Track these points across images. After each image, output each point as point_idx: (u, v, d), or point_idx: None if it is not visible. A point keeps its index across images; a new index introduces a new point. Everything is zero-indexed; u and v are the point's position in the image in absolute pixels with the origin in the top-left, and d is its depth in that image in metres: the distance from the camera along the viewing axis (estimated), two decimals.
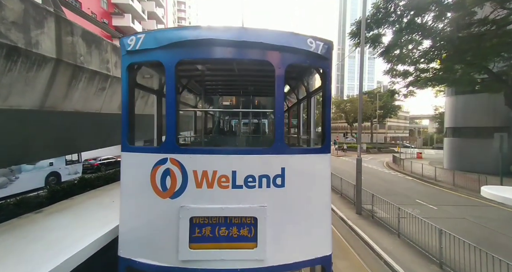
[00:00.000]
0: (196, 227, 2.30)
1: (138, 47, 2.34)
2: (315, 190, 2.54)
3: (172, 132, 2.35)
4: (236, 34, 2.26)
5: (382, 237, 7.46)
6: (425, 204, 11.12)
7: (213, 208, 2.30)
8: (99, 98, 3.66)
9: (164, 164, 2.33)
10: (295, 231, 2.45)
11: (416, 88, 16.43)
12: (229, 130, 8.07)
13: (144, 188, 2.35)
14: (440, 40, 13.27)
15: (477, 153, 18.39)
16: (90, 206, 3.29)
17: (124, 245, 2.43)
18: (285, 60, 2.37)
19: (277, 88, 2.38)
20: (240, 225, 2.33)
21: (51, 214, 3.04)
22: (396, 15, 13.94)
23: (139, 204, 2.43)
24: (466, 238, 5.39)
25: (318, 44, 2.41)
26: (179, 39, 2.25)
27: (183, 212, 2.27)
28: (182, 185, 2.31)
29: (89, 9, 24.35)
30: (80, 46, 3.01)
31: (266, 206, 2.33)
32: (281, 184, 2.38)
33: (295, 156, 2.50)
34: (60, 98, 2.92)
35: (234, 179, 2.32)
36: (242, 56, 2.42)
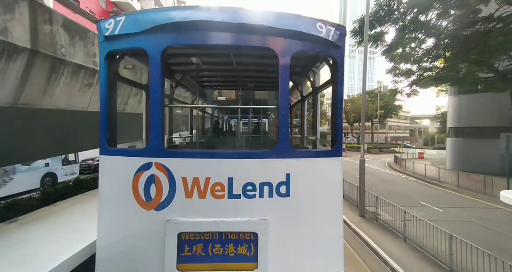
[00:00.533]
0: (186, 245, 1.97)
1: (117, 31, 1.98)
2: (325, 200, 2.18)
3: (157, 132, 2.00)
4: (233, 16, 1.91)
5: (388, 241, 7.17)
6: (430, 206, 10.83)
7: (205, 222, 1.97)
8: (85, 95, 3.38)
9: (148, 169, 1.99)
10: (302, 248, 2.11)
11: (418, 87, 16.16)
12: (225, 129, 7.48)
13: (125, 198, 2.01)
14: (444, 38, 13.00)
15: (481, 154, 18.09)
16: (71, 215, 3.00)
17: (101, 264, 2.06)
18: (290, 48, 2.02)
19: (281, 80, 2.04)
20: (238, 242, 2.01)
21: (25, 224, 2.75)
22: (399, 13, 13.66)
23: (119, 217, 2.08)
24: (475, 243, 5.11)
25: (329, 29, 2.05)
26: (165, 22, 1.90)
27: (170, 227, 1.94)
28: (169, 195, 1.98)
29: (87, 7, 24.06)
30: (61, 36, 2.72)
31: (268, 220, 2.01)
32: (285, 193, 2.05)
33: (302, 160, 2.16)
34: (38, 94, 2.64)
35: (231, 188, 2.00)
36: (240, 42, 2.05)
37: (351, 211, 9.92)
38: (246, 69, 3.54)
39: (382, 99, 42.32)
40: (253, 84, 4.30)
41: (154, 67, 1.98)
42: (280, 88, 2.06)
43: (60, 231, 2.56)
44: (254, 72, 3.74)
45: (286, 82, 2.07)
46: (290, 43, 2.02)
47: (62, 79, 2.86)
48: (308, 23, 2.03)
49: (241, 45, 2.15)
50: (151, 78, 2.01)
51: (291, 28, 1.97)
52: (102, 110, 2.15)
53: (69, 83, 2.99)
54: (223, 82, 4.49)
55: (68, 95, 3.07)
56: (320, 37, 2.04)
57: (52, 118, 3.34)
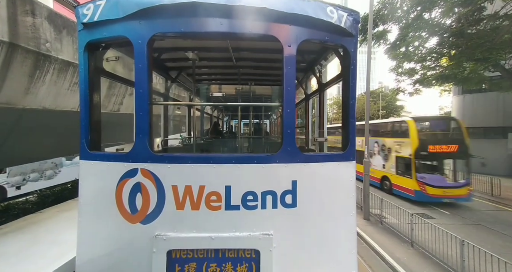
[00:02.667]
0: (176, 264, 1.68)
1: (96, 17, 1.70)
2: (337, 211, 1.89)
3: (144, 133, 1.74)
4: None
5: (394, 246, 6.91)
6: (436, 208, 10.53)
7: (199, 237, 1.70)
8: (75, 95, 3.16)
9: (133, 176, 1.73)
10: (311, 267, 1.80)
11: (422, 86, 15.89)
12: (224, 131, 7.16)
13: (107, 209, 1.74)
14: (449, 36, 12.75)
15: (485, 154, 17.76)
16: (52, 226, 2.77)
17: None
18: (297, 35, 1.73)
19: (286, 73, 1.74)
20: (237, 260, 1.71)
21: (3, 235, 2.53)
22: (403, 11, 13.43)
23: (101, 231, 1.80)
24: (485, 247, 4.86)
25: (340, 14, 1.75)
26: (151, 4, 1.60)
27: (158, 243, 1.67)
28: (157, 206, 1.71)
29: None
30: (46, 30, 2.52)
31: (271, 235, 1.72)
32: (292, 203, 1.77)
33: (310, 165, 1.84)
34: (20, 92, 2.44)
35: (228, 197, 1.73)
36: (239, 29, 1.73)
37: None
38: (246, 62, 3.05)
39: (384, 99, 41.98)
40: (254, 80, 3.80)
41: (139, 58, 1.71)
42: (285, 82, 1.77)
43: (41, 244, 2.34)
44: (255, 63, 3.18)
45: (291, 75, 1.77)
46: (296, 31, 1.73)
47: (48, 77, 2.65)
48: (317, 7, 1.72)
49: (239, 33, 1.78)
50: (136, 71, 1.73)
51: (298, 12, 1.67)
52: (82, 109, 1.87)
53: (56, 81, 2.78)
54: (222, 76, 4.01)
55: (56, 94, 2.86)
56: (331, 23, 1.74)
57: (51, 119, 3.15)
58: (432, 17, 12.85)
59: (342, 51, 2.07)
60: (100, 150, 2.02)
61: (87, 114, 1.89)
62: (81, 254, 1.83)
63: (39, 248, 2.25)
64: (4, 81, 2.26)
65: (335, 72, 2.29)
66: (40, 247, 2.27)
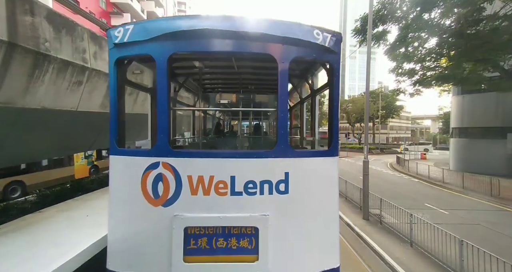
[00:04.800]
0: (191, 238, 2.06)
1: (126, 39, 2.08)
2: (322, 197, 2.29)
3: (164, 133, 2.10)
4: (235, 24, 2.01)
5: (393, 245, 6.92)
6: (435, 208, 10.56)
7: (209, 217, 2.07)
8: (75, 94, 3.16)
9: (155, 168, 2.08)
10: (300, 242, 2.21)
11: (422, 87, 15.90)
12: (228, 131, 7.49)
13: (134, 195, 2.11)
14: (448, 37, 12.76)
15: (485, 154, 17.81)
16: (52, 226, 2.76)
17: (113, 257, 2.17)
18: (289, 54, 2.12)
19: (280, 84, 2.14)
20: (240, 235, 2.10)
21: (2, 236, 2.52)
22: (402, 11, 13.45)
23: (129, 212, 2.20)
24: (484, 247, 4.87)
25: (325, 35, 2.16)
26: (172, 30, 2.00)
27: (176, 222, 2.05)
28: (175, 192, 2.08)
29: (87, 8, 23.97)
30: (45, 29, 2.51)
31: (268, 215, 2.10)
32: (284, 190, 2.14)
33: (300, 160, 2.26)
34: (19, 92, 2.43)
35: (233, 185, 2.08)
36: (242, 49, 2.17)
37: (354, 214, 9.66)
38: (247, 74, 3.64)
39: (383, 100, 42.04)
40: (253, 87, 4.38)
41: (160, 72, 2.08)
42: (279, 92, 2.16)
43: (41, 244, 2.34)
44: (254, 76, 3.81)
45: (285, 87, 2.19)
46: (288, 50, 2.10)
47: (47, 76, 2.64)
48: (305, 30, 2.11)
49: (242, 52, 2.25)
50: (158, 83, 2.10)
51: (290, 35, 2.05)
52: (112, 113, 2.23)
53: (55, 80, 2.77)
54: (225, 84, 4.53)
55: (55, 93, 2.86)
56: (317, 43, 2.13)
57: (49, 118, 3.15)
58: (431, 18, 12.86)
59: (328, 65, 2.44)
60: (124, 147, 2.36)
61: (115, 116, 2.23)
62: (112, 232, 2.20)
63: (38, 248, 2.26)
64: (3, 80, 2.25)
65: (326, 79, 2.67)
66: (39, 247, 2.28)
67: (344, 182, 12.23)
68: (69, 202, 3.95)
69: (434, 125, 71.77)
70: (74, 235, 2.47)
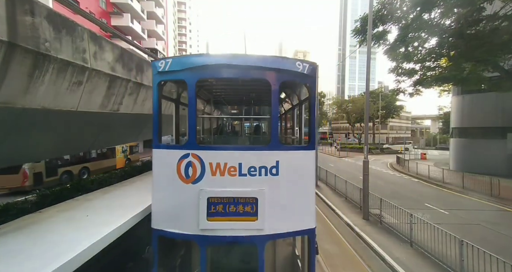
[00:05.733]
0: (212, 205, 2.87)
1: (166, 69, 2.88)
2: (302, 178, 3.09)
3: (193, 134, 2.97)
4: (242, 60, 2.88)
5: (393, 245, 6.92)
6: (435, 208, 10.56)
7: (224, 190, 2.88)
8: (74, 94, 3.14)
9: (187, 158, 2.89)
10: (287, 209, 3.03)
11: (421, 87, 15.88)
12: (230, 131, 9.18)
13: (171, 176, 2.92)
14: (448, 37, 12.76)
15: (485, 154, 17.81)
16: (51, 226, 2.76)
17: (156, 219, 3.04)
18: (279, 79, 2.92)
19: (273, 100, 2.98)
20: (245, 203, 2.89)
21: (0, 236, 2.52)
22: (402, 11, 13.44)
23: (168, 188, 3.01)
24: (484, 247, 4.88)
25: (304, 65, 2.95)
26: (199, 64, 2.85)
27: (202, 194, 2.85)
28: (200, 174, 2.87)
29: (87, 8, 23.98)
30: (45, 29, 2.50)
31: (264, 189, 2.90)
32: (276, 173, 2.95)
33: (286, 152, 3.10)
34: (19, 92, 2.42)
35: (240, 169, 2.89)
36: (247, 75, 3.14)
37: (354, 214, 9.66)
38: (249, 90, 4.79)
39: (383, 100, 42.01)
40: (253, 99, 5.67)
41: (191, 91, 2.89)
42: (272, 104, 3.02)
43: (41, 243, 2.33)
44: (254, 91, 4.93)
45: (276, 101, 3.03)
46: (279, 76, 2.90)
47: (47, 77, 2.63)
48: (290, 62, 2.93)
49: (247, 77, 3.34)
50: (189, 99, 2.91)
51: (279, 66, 2.88)
52: (154, 119, 3.09)
53: (55, 80, 2.76)
54: (234, 97, 5.93)
55: (55, 93, 2.84)
56: (298, 71, 2.91)
57: (50, 118, 3.14)
58: (431, 18, 12.85)
59: (307, 85, 3.27)
60: (161, 143, 3.13)
61: (157, 121, 3.08)
62: (155, 203, 3.04)
63: (38, 248, 2.26)
64: (3, 80, 2.25)
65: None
66: (39, 247, 2.28)
67: (344, 182, 12.25)
68: (69, 202, 3.94)
69: (434, 125, 71.76)
70: (74, 235, 2.47)
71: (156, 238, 3.00)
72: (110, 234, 2.57)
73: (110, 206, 3.62)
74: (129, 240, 2.93)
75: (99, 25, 5.10)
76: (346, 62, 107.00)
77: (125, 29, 29.23)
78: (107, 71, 3.63)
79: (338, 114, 52.23)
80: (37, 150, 3.50)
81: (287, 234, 3.14)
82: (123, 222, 2.81)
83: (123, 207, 3.45)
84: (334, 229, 8.55)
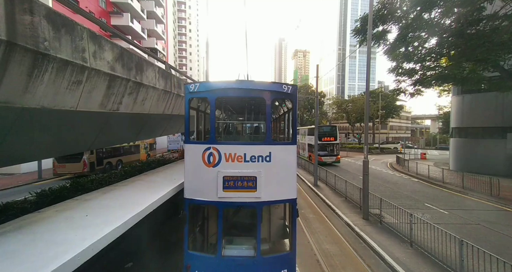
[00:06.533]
0: (226, 181, 4.10)
1: (195, 90, 4.27)
2: (286, 164, 4.35)
3: (213, 133, 4.28)
4: (247, 85, 4.32)
5: (393, 245, 6.91)
6: (435, 208, 10.55)
7: (234, 172, 4.11)
8: (74, 94, 3.12)
9: (209, 150, 4.16)
10: (276, 184, 4.26)
11: (421, 86, 15.86)
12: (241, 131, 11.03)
13: (198, 162, 4.16)
14: (448, 36, 12.73)
15: (485, 154, 17.80)
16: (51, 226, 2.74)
17: (187, 192, 4.30)
18: (271, 96, 4.31)
19: (267, 111, 4.37)
20: (248, 180, 4.13)
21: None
22: (402, 11, 13.42)
23: (195, 170, 4.23)
24: (484, 247, 4.88)
25: (288, 87, 4.32)
26: (217, 88, 4.28)
27: (219, 174, 4.09)
28: (218, 160, 4.14)
29: (86, 7, 23.93)
30: (44, 28, 2.48)
31: (261, 171, 4.14)
32: (269, 160, 4.19)
33: (276, 146, 4.41)
34: (18, 91, 2.40)
35: (245, 157, 4.15)
36: (251, 95, 4.55)
37: (354, 214, 9.66)
38: (251, 104, 6.56)
39: (383, 99, 41.97)
40: (254, 108, 7.27)
41: (211, 106, 4.29)
42: (266, 114, 4.39)
43: (40, 243, 2.32)
44: (254, 104, 6.48)
45: (269, 112, 4.37)
46: (271, 95, 4.28)
47: (46, 76, 2.61)
48: (279, 86, 4.31)
49: (250, 96, 4.71)
50: (211, 111, 4.30)
51: (271, 89, 4.29)
52: (186, 123, 4.35)
53: (54, 80, 2.74)
54: (240, 107, 7.64)
55: (54, 93, 2.82)
56: (283, 92, 4.31)
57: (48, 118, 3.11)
58: (431, 17, 12.83)
59: (290, 100, 4.67)
60: (190, 139, 4.48)
61: (187, 125, 4.34)
62: (187, 181, 4.28)
63: (38, 248, 2.25)
64: (2, 80, 2.23)
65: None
66: (39, 247, 2.27)
67: (344, 181, 12.24)
68: (68, 202, 3.93)
69: (433, 125, 71.71)
70: (72, 236, 2.46)
71: (187, 204, 4.28)
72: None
73: (109, 205, 3.63)
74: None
75: (99, 24, 5.07)
76: (346, 61, 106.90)
77: (125, 29, 29.19)
78: (107, 71, 3.61)
79: (338, 114, 52.14)
80: (37, 150, 3.49)
81: (276, 201, 4.44)
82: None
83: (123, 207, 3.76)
84: (334, 229, 8.55)
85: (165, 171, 7.19)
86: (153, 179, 5.82)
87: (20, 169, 18.59)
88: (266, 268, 4.08)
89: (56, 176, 16.11)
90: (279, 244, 5.01)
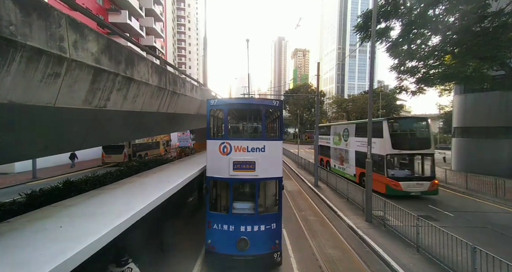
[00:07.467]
0: (235, 165, 5.68)
1: (215, 104, 6.18)
2: (275, 153, 5.99)
3: (226, 132, 6.21)
4: (249, 101, 8.65)
5: (399, 250, 6.59)
6: (440, 210, 10.24)
7: (240, 158, 5.70)
8: (51, 88, 2.76)
9: (223, 143, 5.79)
10: (268, 167, 5.82)
11: (424, 85, 15.53)
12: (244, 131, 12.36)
13: (216, 152, 5.79)
14: (452, 34, 12.41)
15: (488, 154, 17.50)
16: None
17: (209, 171, 5.99)
18: (265, 108, 6.31)
19: (262, 117, 6.23)
20: (249, 164, 5.69)
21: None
22: (406, 7, 13.08)
23: (214, 157, 5.87)
24: (494, 252, 4.56)
25: (276, 102, 6.42)
26: (229, 103, 7.36)
27: (230, 160, 5.69)
28: (230, 151, 5.74)
29: (83, 4, 23.47)
30: (9, 10, 2.14)
31: (258, 158, 5.72)
32: (263, 151, 5.78)
33: (269, 141, 5.99)
34: None
35: (248, 149, 5.75)
36: (251, 107, 7.33)
37: (356, 216, 9.33)
38: (252, 113, 8.71)
39: (384, 99, 41.66)
40: (253, 115, 9.25)
41: (225, 115, 6.27)
42: (262, 119, 6.26)
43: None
44: (254, 114, 8.81)
45: (264, 118, 6.24)
46: (265, 107, 6.41)
47: (14, 66, 2.28)
48: (270, 101, 6.95)
49: (251, 108, 7.48)
50: (224, 118, 6.31)
51: (266, 103, 7.06)
52: (207, 126, 6.19)
53: (25, 71, 2.40)
54: (243, 115, 9.38)
55: (26, 86, 2.48)
56: (273, 105, 6.52)
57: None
58: (436, 14, 12.51)
59: (278, 110, 6.71)
60: (211, 137, 6.36)
61: (209, 128, 6.23)
62: (208, 164, 6.03)
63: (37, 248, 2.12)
64: None
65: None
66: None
67: (345, 182, 11.92)
68: (45, 209, 3.52)
69: (434, 124, 71.39)
70: (37, 255, 2.08)
71: (209, 180, 6.00)
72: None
73: (91, 213, 3.30)
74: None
75: (96, 20, 4.71)
76: (346, 61, 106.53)
77: (122, 26, 28.73)
78: (91, 63, 3.25)
79: (338, 113, 51.84)
80: (9, 150, 3.13)
81: (268, 178, 6.08)
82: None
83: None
84: (336, 232, 8.23)
85: (160, 172, 7.13)
86: (147, 181, 5.68)
87: (14, 168, 18.20)
88: (261, 222, 5.65)
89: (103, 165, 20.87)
90: (270, 207, 6.70)
